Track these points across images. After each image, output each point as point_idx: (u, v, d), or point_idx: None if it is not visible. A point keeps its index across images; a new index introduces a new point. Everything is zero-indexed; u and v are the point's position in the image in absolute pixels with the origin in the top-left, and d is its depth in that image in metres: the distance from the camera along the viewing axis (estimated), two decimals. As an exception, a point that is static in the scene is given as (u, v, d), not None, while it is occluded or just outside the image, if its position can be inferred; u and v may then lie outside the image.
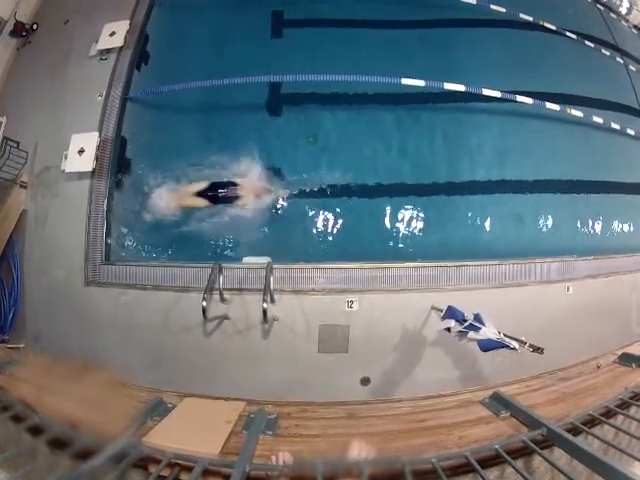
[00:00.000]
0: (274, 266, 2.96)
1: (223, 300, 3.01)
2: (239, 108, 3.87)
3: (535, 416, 2.15)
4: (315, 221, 3.58)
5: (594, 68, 4.79)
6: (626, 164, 4.38)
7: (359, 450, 1.72)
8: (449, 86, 3.74)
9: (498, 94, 3.81)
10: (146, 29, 4.09)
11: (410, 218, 3.60)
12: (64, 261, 3.42)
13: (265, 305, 2.63)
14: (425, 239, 3.58)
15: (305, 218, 3.58)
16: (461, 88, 3.74)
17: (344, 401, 2.91)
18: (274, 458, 1.83)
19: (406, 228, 3.59)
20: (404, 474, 1.62)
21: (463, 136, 3.86)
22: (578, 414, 2.18)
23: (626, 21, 5.74)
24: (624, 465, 1.63)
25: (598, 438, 1.97)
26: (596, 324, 3.42)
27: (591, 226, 4.00)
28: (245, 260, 3.34)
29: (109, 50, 3.89)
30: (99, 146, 3.53)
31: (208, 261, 3.09)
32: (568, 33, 4.75)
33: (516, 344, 2.19)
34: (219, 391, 2.92)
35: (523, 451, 1.98)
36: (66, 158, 3.53)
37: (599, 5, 5.49)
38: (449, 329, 2.60)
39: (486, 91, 3.79)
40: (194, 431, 2.30)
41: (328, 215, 3.59)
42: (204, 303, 2.72)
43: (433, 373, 3.06)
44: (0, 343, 3.38)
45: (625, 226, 4.14)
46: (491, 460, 1.92)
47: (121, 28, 3.89)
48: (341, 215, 3.59)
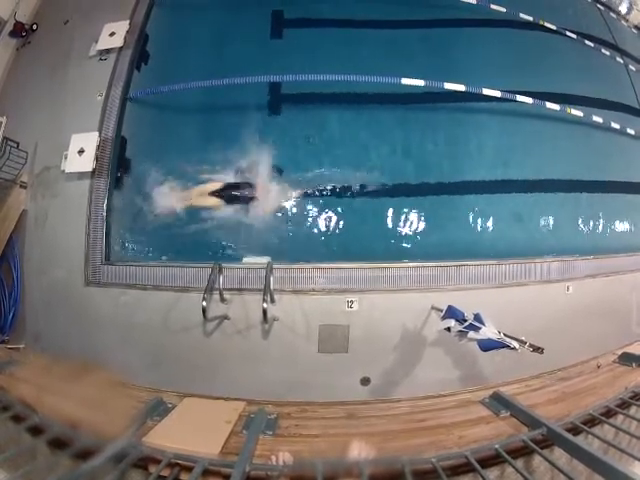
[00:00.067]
0: (274, 266, 2.96)
1: (223, 300, 3.01)
2: (239, 108, 3.86)
3: (535, 416, 2.15)
4: (315, 221, 3.58)
5: (594, 68, 4.78)
6: (626, 164, 4.38)
7: (359, 450, 1.72)
8: (449, 86, 3.74)
9: (498, 94, 3.81)
10: (146, 29, 4.08)
11: (410, 218, 3.60)
12: (64, 261, 3.43)
13: (265, 305, 2.63)
14: (425, 239, 3.57)
15: (305, 218, 3.58)
16: (461, 88, 3.74)
17: (344, 401, 2.91)
18: (274, 458, 1.83)
19: (406, 228, 3.59)
20: (404, 474, 1.62)
21: (463, 136, 3.85)
22: (578, 414, 2.18)
23: (626, 21, 5.74)
24: (624, 465, 1.63)
25: (598, 438, 1.97)
26: (596, 324, 3.42)
27: (591, 226, 3.99)
28: (245, 260, 3.34)
29: (109, 50, 3.89)
30: (99, 146, 3.53)
31: (208, 261, 3.09)
32: (568, 33, 4.75)
33: (516, 344, 2.19)
34: (219, 391, 2.92)
35: (523, 451, 1.97)
36: (66, 158, 3.53)
37: (599, 5, 5.49)
38: (449, 329, 2.60)
39: (486, 91, 3.79)
40: (194, 431, 2.30)
41: (328, 215, 3.59)
42: (204, 303, 2.72)
43: (433, 373, 3.06)
44: (0, 343, 3.38)
45: (625, 226, 4.13)
46: (491, 460, 1.92)
47: (121, 28, 3.89)
48: (341, 215, 3.58)
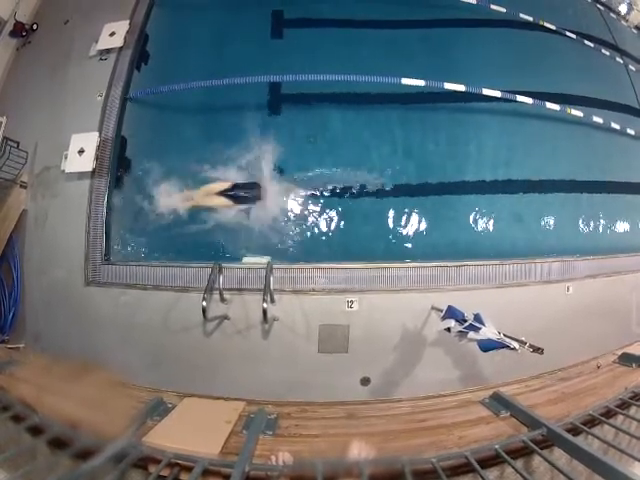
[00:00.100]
0: (274, 266, 2.96)
1: (223, 300, 3.01)
2: (239, 108, 3.86)
3: (535, 416, 2.14)
4: (315, 221, 3.58)
5: (594, 68, 4.79)
6: (626, 164, 4.38)
7: (359, 450, 1.72)
8: (449, 86, 3.74)
9: (498, 94, 3.81)
10: (146, 29, 4.09)
11: (410, 218, 3.60)
12: (64, 261, 3.43)
13: (265, 305, 2.63)
14: (425, 239, 3.57)
15: (305, 218, 3.58)
16: (461, 88, 3.74)
17: (344, 401, 2.91)
18: (274, 458, 1.82)
19: (406, 228, 3.59)
20: (404, 474, 1.62)
21: (463, 136, 3.86)
22: (578, 414, 2.17)
23: (626, 21, 5.74)
24: (624, 465, 1.63)
25: (598, 438, 1.97)
26: (596, 324, 3.42)
27: (591, 226, 3.99)
28: (245, 260, 3.34)
29: (109, 50, 3.89)
30: (99, 146, 3.53)
31: (208, 261, 3.09)
32: (568, 33, 4.75)
33: (516, 344, 2.19)
34: (219, 391, 2.92)
35: (523, 451, 1.97)
36: (66, 158, 3.53)
37: (599, 5, 5.49)
38: (449, 329, 2.60)
39: (486, 91, 3.79)
40: (194, 431, 2.30)
41: (328, 215, 3.59)
42: (204, 303, 2.72)
43: (433, 373, 3.06)
44: (0, 343, 3.38)
45: (625, 226, 4.13)
46: (491, 460, 1.92)
47: (121, 28, 3.90)
48: (341, 215, 3.59)
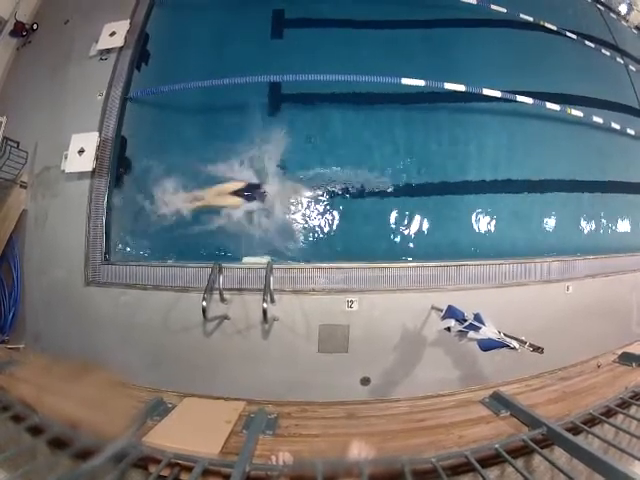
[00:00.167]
0: (274, 266, 2.97)
1: (223, 300, 3.01)
2: (239, 108, 3.85)
3: (535, 415, 2.14)
4: (315, 221, 3.58)
5: (594, 68, 4.79)
6: (626, 164, 4.38)
7: (359, 450, 1.72)
8: (449, 86, 3.75)
9: (498, 94, 3.81)
10: (146, 29, 4.09)
11: (410, 218, 3.60)
12: (64, 261, 3.43)
13: (265, 305, 2.63)
14: (425, 239, 3.57)
15: (305, 218, 3.58)
16: (461, 88, 3.74)
17: (344, 401, 2.90)
18: (274, 458, 1.82)
19: (406, 228, 3.59)
20: (404, 474, 1.62)
21: (463, 136, 3.86)
22: (578, 413, 2.17)
23: (626, 21, 5.74)
24: (624, 464, 1.63)
25: (598, 437, 1.97)
26: (596, 323, 3.42)
27: (591, 226, 3.99)
28: (245, 260, 3.34)
29: (109, 50, 3.89)
30: (99, 146, 3.53)
31: (208, 261, 3.09)
32: (568, 33, 4.75)
33: (516, 343, 2.19)
34: (219, 391, 2.92)
35: (523, 450, 1.97)
36: (66, 158, 3.53)
37: (599, 5, 5.50)
38: (449, 329, 2.60)
39: (486, 91, 3.80)
40: (194, 431, 2.29)
41: (328, 215, 3.59)
42: (204, 303, 2.72)
43: (433, 373, 3.06)
44: (0, 343, 3.38)
45: (625, 225, 4.14)
46: (491, 459, 1.91)
47: (121, 28, 3.90)
48: (341, 214, 3.59)
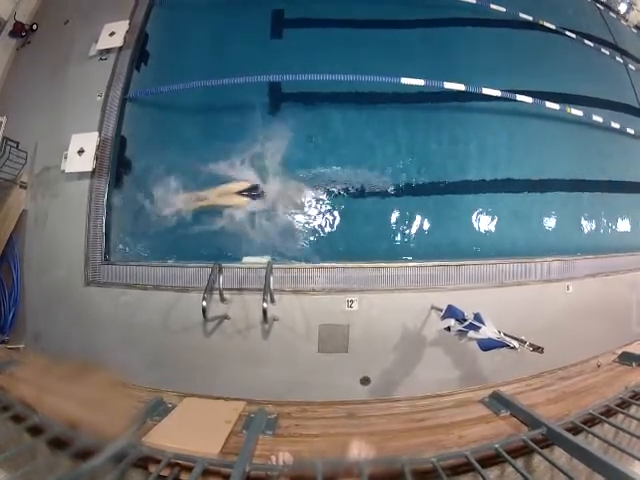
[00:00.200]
0: (274, 266, 2.97)
1: (223, 300, 3.01)
2: (239, 108, 3.86)
3: (535, 415, 2.14)
4: (315, 221, 3.58)
5: (594, 68, 4.79)
6: (626, 163, 4.38)
7: (359, 450, 1.71)
8: (449, 85, 3.75)
9: (498, 93, 3.81)
10: (146, 29, 4.10)
11: (410, 217, 3.60)
12: (64, 261, 3.43)
13: (265, 305, 2.63)
14: (425, 238, 3.58)
15: (305, 217, 3.58)
16: (461, 87, 3.74)
17: (344, 401, 2.90)
18: (274, 458, 1.82)
19: (406, 228, 3.59)
20: (404, 474, 1.62)
21: (463, 135, 3.86)
22: (578, 413, 2.17)
23: (625, 20, 5.74)
24: (624, 464, 1.63)
25: (598, 437, 1.97)
26: (596, 323, 3.42)
27: (591, 225, 3.99)
28: (245, 260, 3.34)
29: (109, 50, 3.90)
30: (99, 146, 3.54)
31: (208, 261, 3.09)
32: (568, 33, 4.75)
33: (516, 343, 2.19)
34: (219, 391, 2.91)
35: (523, 450, 1.97)
36: (66, 158, 3.53)
37: (598, 5, 5.49)
38: (449, 328, 2.60)
39: (486, 90, 3.80)
40: (194, 431, 2.29)
41: (328, 214, 3.59)
42: (204, 303, 2.72)
43: (433, 372, 3.06)
44: (0, 343, 3.38)
45: (625, 225, 4.14)
46: (491, 459, 1.91)
47: (121, 28, 3.90)
48: (341, 214, 3.59)
